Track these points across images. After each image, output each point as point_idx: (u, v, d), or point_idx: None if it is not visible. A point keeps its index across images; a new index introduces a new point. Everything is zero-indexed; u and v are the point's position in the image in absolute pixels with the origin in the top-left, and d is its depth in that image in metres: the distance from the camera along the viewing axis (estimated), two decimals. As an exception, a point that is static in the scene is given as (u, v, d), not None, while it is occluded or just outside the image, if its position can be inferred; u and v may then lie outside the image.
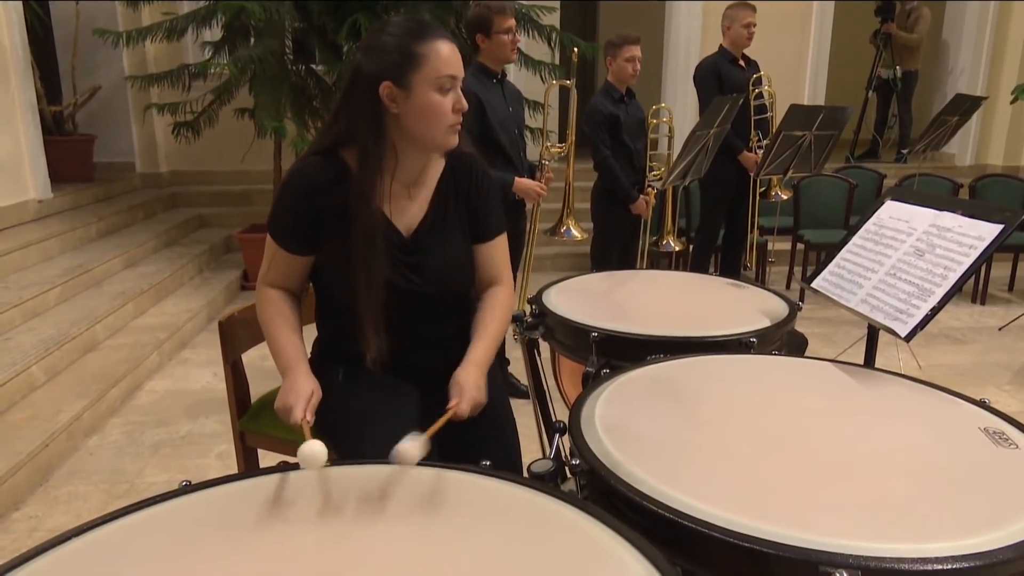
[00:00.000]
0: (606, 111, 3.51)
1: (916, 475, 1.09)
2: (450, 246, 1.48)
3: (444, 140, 1.39)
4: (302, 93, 4.84)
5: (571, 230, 3.42)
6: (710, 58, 4.13)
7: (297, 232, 1.40)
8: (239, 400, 1.78)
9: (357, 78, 1.36)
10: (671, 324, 1.73)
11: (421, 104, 1.34)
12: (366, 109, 1.34)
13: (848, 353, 3.70)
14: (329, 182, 1.37)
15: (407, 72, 1.33)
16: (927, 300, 1.44)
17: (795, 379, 1.47)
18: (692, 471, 1.10)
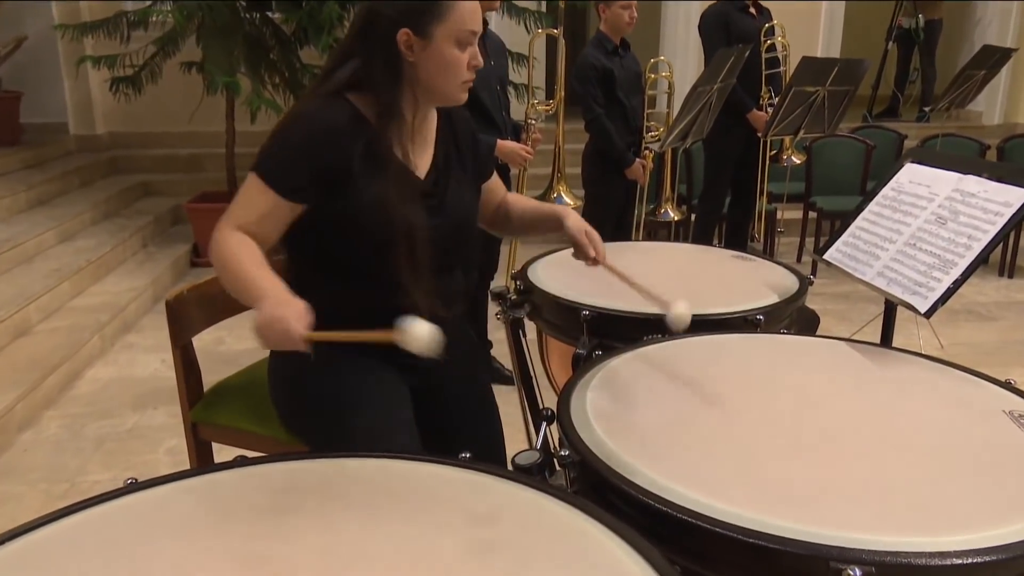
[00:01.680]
0: (599, 65, 3.49)
1: (935, 462, 1.11)
2: (462, 186, 1.57)
3: (455, 95, 1.45)
4: (257, 44, 4.78)
5: (561, 197, 3.42)
6: (717, 5, 4.11)
7: (300, 177, 1.38)
8: (191, 388, 1.77)
9: (374, 20, 1.40)
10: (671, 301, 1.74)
11: (439, 56, 1.40)
12: (383, 54, 1.39)
13: (864, 331, 3.75)
14: (346, 127, 1.39)
15: (429, 22, 1.38)
16: (949, 272, 1.46)
17: (805, 360, 1.48)
18: (692, 462, 1.11)
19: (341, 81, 1.41)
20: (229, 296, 1.82)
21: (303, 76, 4.83)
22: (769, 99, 4.11)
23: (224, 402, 1.77)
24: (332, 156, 1.37)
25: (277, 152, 1.38)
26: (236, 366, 1.93)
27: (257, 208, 1.38)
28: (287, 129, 1.39)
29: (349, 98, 1.42)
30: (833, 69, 3.59)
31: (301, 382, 1.49)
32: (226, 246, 1.35)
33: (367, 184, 1.39)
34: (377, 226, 1.40)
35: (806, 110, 3.72)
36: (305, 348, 1.23)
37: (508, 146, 2.94)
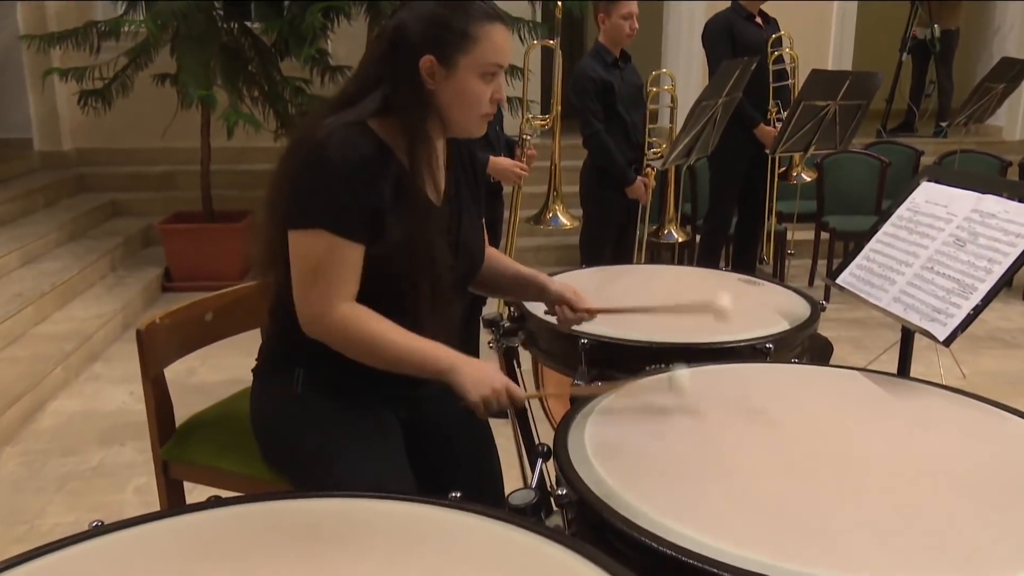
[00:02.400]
0: (597, 77, 3.52)
1: (957, 501, 1.11)
2: (474, 221, 1.60)
3: (473, 128, 1.47)
4: (235, 55, 4.81)
5: (558, 217, 3.44)
6: (722, 14, 4.16)
7: (363, 217, 1.39)
8: (161, 423, 1.76)
9: (399, 43, 1.40)
10: (674, 328, 1.75)
11: (460, 88, 1.41)
12: (409, 81, 1.40)
13: (881, 360, 3.76)
14: (377, 159, 1.39)
15: (455, 52, 1.39)
16: (969, 298, 1.47)
17: (818, 391, 1.48)
18: (699, 500, 1.11)
19: (367, 113, 1.41)
20: (204, 323, 1.84)
21: (283, 89, 4.86)
22: (777, 113, 4.15)
23: (197, 438, 1.76)
24: (372, 191, 1.38)
25: (326, 200, 1.36)
26: (210, 399, 1.93)
27: (346, 267, 1.38)
28: (327, 169, 1.36)
29: (370, 125, 1.42)
30: (844, 82, 3.63)
31: (289, 417, 1.49)
32: (361, 326, 1.38)
33: (396, 220, 1.40)
34: (403, 264, 1.41)
35: (816, 125, 3.75)
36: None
37: (502, 163, 2.96)
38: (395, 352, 1.38)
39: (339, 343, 1.39)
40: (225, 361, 3.56)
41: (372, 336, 1.38)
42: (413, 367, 1.39)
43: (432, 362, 1.38)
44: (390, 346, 1.38)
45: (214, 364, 3.66)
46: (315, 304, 1.38)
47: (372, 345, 1.38)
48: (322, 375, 1.48)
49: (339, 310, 1.37)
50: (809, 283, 5.26)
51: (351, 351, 1.39)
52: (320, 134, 1.37)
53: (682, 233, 4.00)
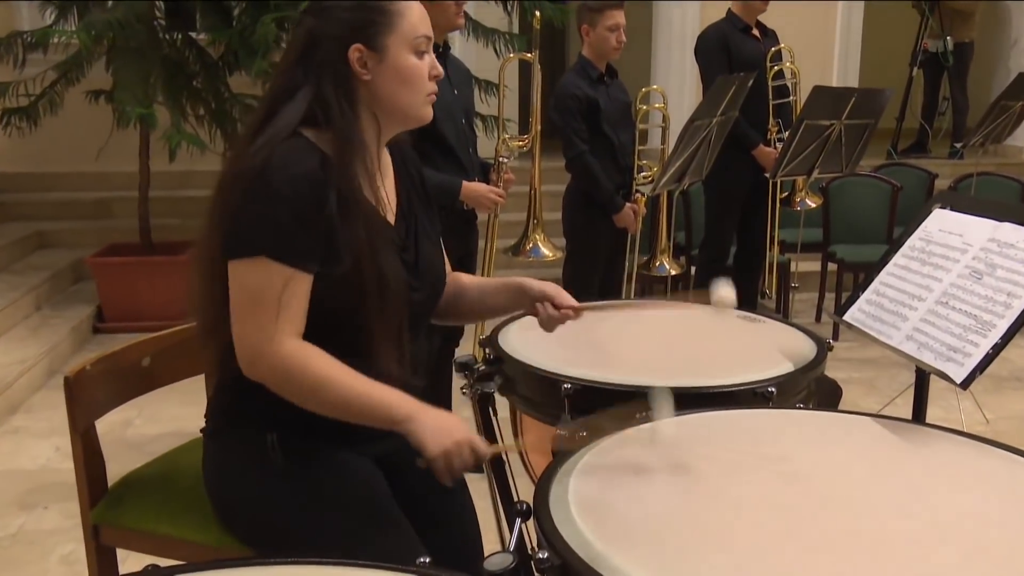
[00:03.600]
0: (581, 94, 3.57)
1: (978, 560, 1.12)
2: (430, 242, 1.62)
3: (421, 111, 1.52)
4: (178, 70, 4.82)
5: (538, 248, 3.46)
6: (716, 26, 4.24)
7: (312, 242, 1.40)
8: (92, 482, 1.74)
9: (316, 43, 1.45)
10: (667, 371, 1.76)
11: (397, 68, 1.47)
12: (335, 79, 1.44)
13: (896, 404, 3.79)
14: (322, 174, 1.41)
15: (380, 33, 1.45)
16: (987, 335, 1.50)
17: (826, 440, 1.50)
18: (695, 563, 1.11)
19: (296, 119, 1.43)
20: (141, 370, 1.83)
21: (232, 107, 4.88)
22: (778, 133, 4.21)
23: (134, 499, 1.74)
24: (321, 210, 1.39)
25: (272, 222, 1.37)
26: (148, 454, 1.91)
27: (295, 298, 1.38)
28: (264, 191, 1.37)
29: (308, 136, 1.45)
30: (850, 100, 3.71)
31: (272, 496, 1.48)
32: (306, 367, 1.38)
33: (347, 241, 1.41)
34: (354, 292, 1.42)
35: (820, 147, 3.82)
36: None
37: (475, 189, 2.97)
38: (344, 397, 1.38)
39: (280, 385, 1.39)
40: (165, 411, 3.52)
41: (318, 378, 1.37)
42: (365, 415, 1.39)
43: (386, 409, 1.38)
44: (339, 390, 1.38)
45: (153, 415, 3.61)
46: (254, 341, 1.38)
47: (318, 388, 1.38)
48: (301, 438, 1.47)
49: (283, 347, 1.37)
50: (816, 319, 5.30)
51: (294, 394, 1.39)
52: (257, 157, 1.38)
53: (675, 265, 4.04)
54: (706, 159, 3.65)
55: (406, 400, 1.39)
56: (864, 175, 5.37)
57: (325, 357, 1.39)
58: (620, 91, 3.74)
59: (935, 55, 7.36)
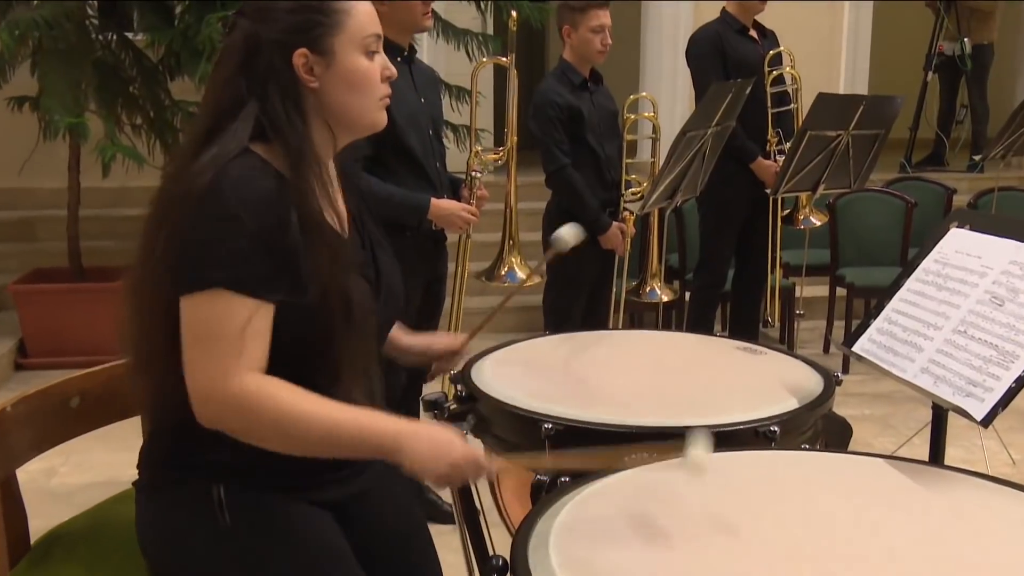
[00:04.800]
0: (562, 102, 3.59)
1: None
2: (388, 258, 1.64)
3: (374, 116, 1.54)
4: (113, 74, 4.82)
5: (515, 272, 3.47)
6: (709, 27, 4.28)
7: (274, 269, 1.40)
8: (12, 539, 1.72)
9: (256, 49, 1.45)
10: (659, 409, 1.76)
11: (347, 72, 1.48)
12: (282, 88, 1.45)
13: (913, 444, 3.81)
14: (277, 194, 1.41)
15: (325, 34, 1.46)
16: (1010, 367, 1.51)
17: (835, 484, 1.51)
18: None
19: (246, 136, 1.43)
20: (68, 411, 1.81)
21: (174, 115, 4.87)
22: (778, 144, 4.25)
23: (60, 556, 1.72)
24: (282, 234, 1.39)
25: (227, 250, 1.37)
26: (75, 507, 1.89)
27: (253, 331, 1.38)
28: (218, 216, 1.37)
29: (258, 153, 1.45)
30: (858, 108, 3.75)
31: (218, 560, 1.47)
32: (276, 398, 1.37)
33: (308, 262, 1.41)
34: (316, 319, 1.42)
35: (826, 160, 3.86)
36: None
37: (445, 207, 2.98)
38: (321, 429, 1.37)
39: (241, 427, 1.38)
40: (95, 458, 3.48)
41: (288, 411, 1.36)
42: (345, 447, 1.38)
43: (371, 437, 1.38)
44: (315, 422, 1.37)
45: (81, 462, 3.57)
46: (210, 380, 1.36)
47: (289, 423, 1.36)
48: (250, 491, 1.46)
49: (243, 383, 1.36)
50: (823, 350, 5.34)
51: (259, 435, 1.38)
52: (204, 177, 1.38)
53: (668, 290, 4.05)
54: (701, 174, 3.68)
55: (393, 424, 1.39)
56: (875, 190, 5.43)
57: (292, 388, 1.39)
58: (606, 98, 3.77)
59: (952, 58, 7.46)
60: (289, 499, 1.49)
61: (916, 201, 5.30)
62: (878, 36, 7.63)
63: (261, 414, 1.36)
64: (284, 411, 1.36)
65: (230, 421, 1.38)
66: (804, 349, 5.20)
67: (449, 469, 1.37)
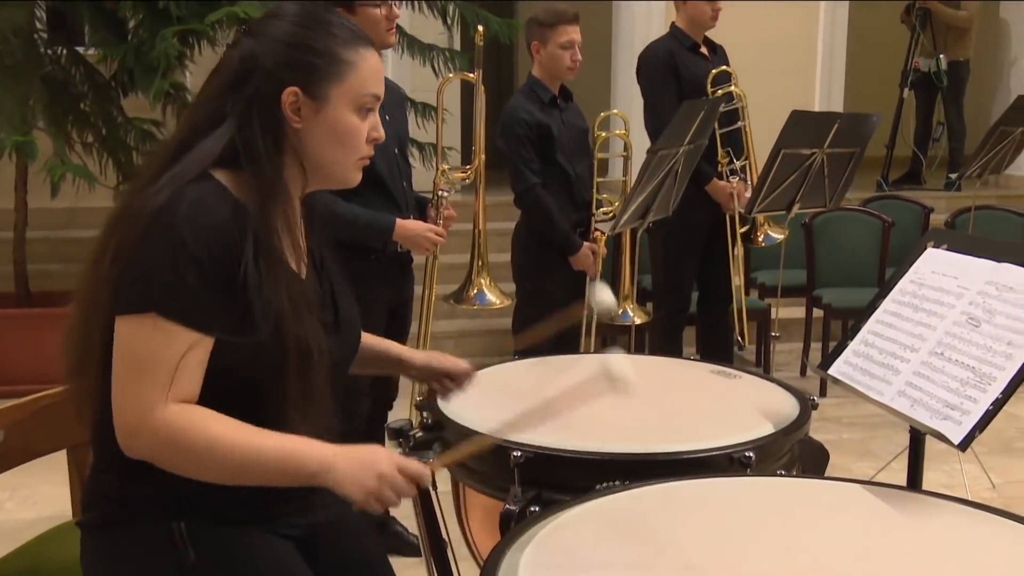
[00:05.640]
0: (531, 119, 3.61)
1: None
2: (346, 298, 1.64)
3: (348, 175, 1.54)
4: (63, 90, 4.78)
5: (484, 294, 3.47)
6: (659, 45, 4.27)
7: (216, 303, 1.39)
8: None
9: (250, 74, 1.44)
10: (631, 435, 1.77)
11: (333, 124, 1.47)
12: (263, 118, 1.44)
13: (891, 468, 3.84)
14: (233, 222, 1.40)
15: (322, 80, 1.45)
16: (987, 390, 1.54)
17: (811, 511, 1.52)
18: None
19: (210, 157, 1.43)
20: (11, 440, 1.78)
21: (127, 133, 4.84)
22: (729, 164, 4.25)
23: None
24: (231, 267, 1.38)
25: (170, 275, 1.36)
26: (14, 540, 1.87)
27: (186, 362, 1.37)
28: (166, 240, 1.36)
29: (219, 179, 1.44)
30: (832, 126, 3.79)
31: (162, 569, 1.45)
32: (199, 426, 1.36)
33: (262, 299, 1.40)
34: (268, 361, 1.41)
35: (801, 178, 3.90)
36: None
37: (411, 228, 2.98)
38: (246, 455, 1.36)
39: (167, 458, 1.37)
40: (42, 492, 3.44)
41: (212, 438, 1.36)
42: (274, 474, 1.38)
43: (295, 462, 1.38)
44: (238, 448, 1.36)
45: (27, 496, 3.53)
46: (135, 411, 1.36)
47: (213, 450, 1.36)
48: (212, 524, 1.45)
49: (164, 414, 1.35)
50: (801, 373, 5.38)
51: (185, 464, 1.37)
52: (160, 197, 1.37)
53: (641, 313, 4.07)
54: (673, 193, 3.70)
55: (318, 448, 1.39)
56: (851, 209, 5.49)
57: (214, 416, 1.38)
58: (576, 116, 3.79)
59: (928, 75, 7.56)
60: (250, 531, 1.49)
61: (893, 220, 5.36)
62: (853, 53, 7.73)
63: (183, 441, 1.36)
64: (207, 439, 1.36)
65: (155, 452, 1.37)
66: (780, 372, 5.23)
67: (377, 482, 1.37)
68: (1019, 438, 4.46)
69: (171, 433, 1.35)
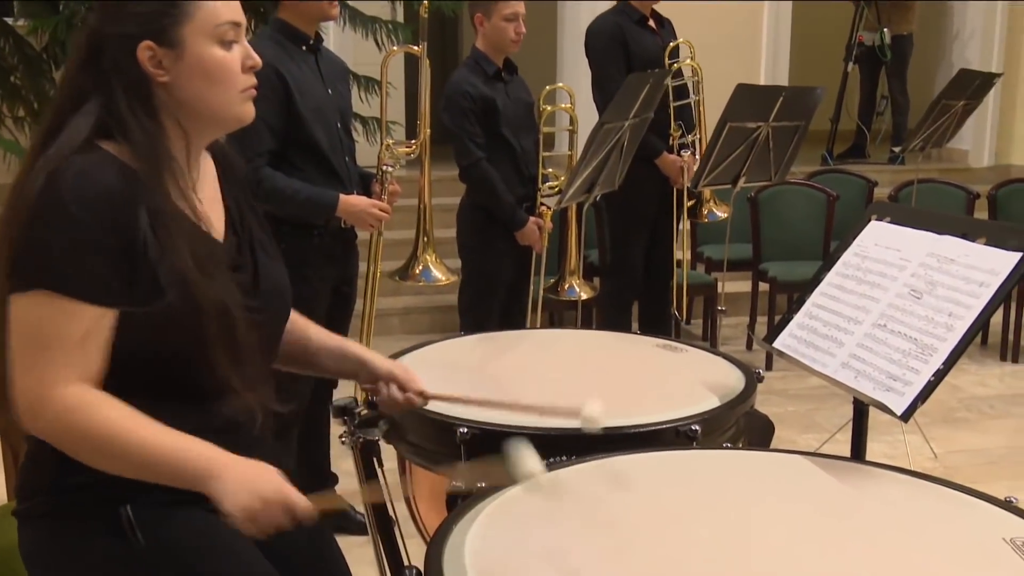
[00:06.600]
0: (476, 93, 3.60)
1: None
2: (271, 260, 1.61)
3: (237, 110, 1.51)
4: (-8, 63, 4.69)
5: (429, 271, 3.46)
6: (607, 17, 4.27)
7: (111, 271, 1.36)
8: None
9: (100, 46, 1.43)
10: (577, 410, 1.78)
11: (199, 63, 1.45)
12: (126, 85, 1.42)
13: (836, 440, 3.90)
14: (122, 189, 1.38)
15: (172, 25, 1.43)
16: (928, 360, 1.57)
17: (757, 483, 1.54)
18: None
19: (85, 131, 1.41)
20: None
21: (61, 107, 4.75)
22: (681, 137, 4.29)
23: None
24: (123, 234, 1.36)
25: (57, 249, 1.34)
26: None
27: (83, 337, 1.35)
28: (51, 213, 1.34)
29: (105, 148, 1.42)
30: (777, 99, 3.83)
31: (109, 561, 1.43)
32: (93, 416, 1.34)
33: (163, 263, 1.38)
34: (180, 321, 1.39)
35: (746, 152, 3.93)
36: None
37: (355, 203, 2.96)
38: (134, 450, 1.35)
39: (67, 442, 1.36)
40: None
41: (103, 430, 1.34)
42: (160, 471, 1.37)
43: (184, 462, 1.36)
44: (127, 445, 1.35)
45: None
46: (30, 389, 1.34)
47: (104, 441, 1.35)
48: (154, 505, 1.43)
49: (62, 394, 1.34)
50: (747, 347, 5.44)
51: (81, 452, 1.36)
52: (43, 172, 1.36)
53: (588, 288, 4.07)
54: (619, 167, 3.72)
55: (209, 453, 1.37)
56: (796, 183, 5.55)
57: (116, 405, 1.36)
58: (521, 89, 3.78)
59: (872, 49, 7.66)
60: (197, 513, 1.47)
61: (838, 194, 5.43)
62: (798, 27, 7.79)
63: (77, 431, 1.35)
64: (101, 428, 1.34)
65: (51, 435, 1.36)
66: (727, 346, 5.29)
67: (260, 504, 1.35)
68: (960, 409, 4.55)
69: (70, 416, 1.34)
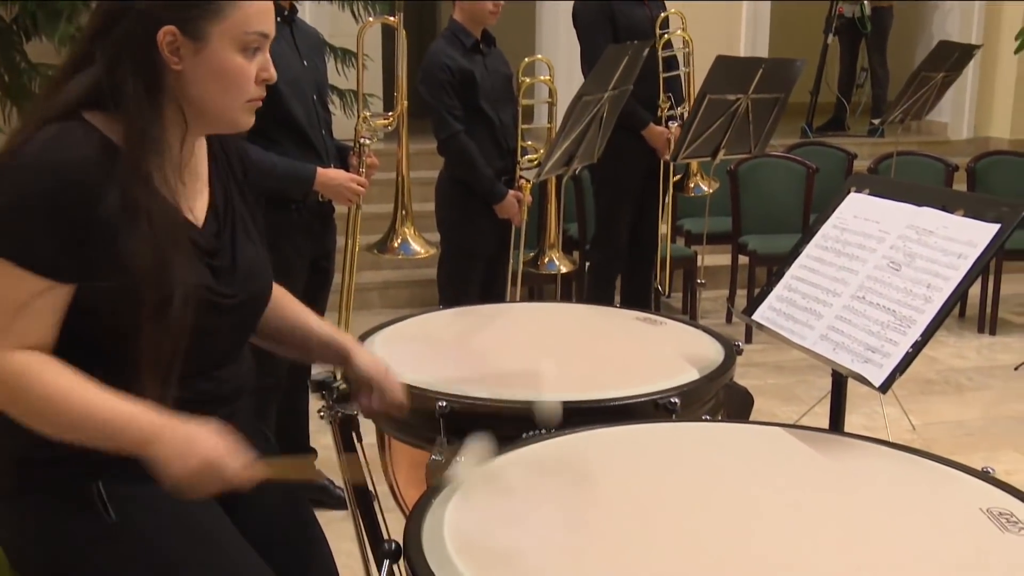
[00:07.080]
0: (454, 65, 3.58)
1: (901, 582, 1.18)
2: (252, 244, 1.59)
3: (237, 118, 1.49)
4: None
5: (408, 244, 3.45)
6: None
7: (70, 246, 1.35)
8: None
9: (121, 12, 1.39)
10: (557, 383, 1.78)
11: (216, 65, 1.42)
12: (136, 56, 1.39)
13: (815, 413, 3.94)
14: (96, 163, 1.36)
15: (202, 19, 1.39)
16: (906, 332, 1.58)
17: (736, 455, 1.55)
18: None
19: (73, 97, 1.39)
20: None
21: (31, 80, 4.70)
22: (669, 110, 4.29)
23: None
24: (87, 207, 1.35)
25: (16, 217, 1.33)
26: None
27: (35, 307, 1.34)
28: (12, 180, 1.34)
29: (90, 120, 1.40)
30: (757, 71, 3.83)
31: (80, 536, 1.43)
32: (37, 378, 1.33)
33: (124, 242, 1.37)
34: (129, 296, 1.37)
35: (726, 124, 3.93)
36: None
37: (332, 177, 2.95)
38: (76, 412, 1.34)
39: (8, 404, 1.36)
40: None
41: (46, 392, 1.34)
42: (102, 434, 1.35)
43: (124, 426, 1.34)
44: (70, 405, 1.34)
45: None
46: None
47: (47, 403, 1.34)
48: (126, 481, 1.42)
49: (11, 359, 1.34)
50: (726, 320, 5.47)
51: (24, 415, 1.36)
52: (22, 133, 1.36)
53: (567, 261, 4.09)
54: (598, 140, 3.71)
55: (149, 415, 1.35)
56: (776, 156, 5.56)
57: (59, 370, 1.36)
58: (499, 62, 3.76)
59: (852, 21, 7.67)
60: None
61: (817, 167, 5.44)
62: None
63: (22, 392, 1.34)
64: (42, 391, 1.34)
65: None
66: (706, 319, 5.31)
67: (200, 466, 1.33)
68: (938, 380, 4.59)
69: (12, 382, 1.34)
